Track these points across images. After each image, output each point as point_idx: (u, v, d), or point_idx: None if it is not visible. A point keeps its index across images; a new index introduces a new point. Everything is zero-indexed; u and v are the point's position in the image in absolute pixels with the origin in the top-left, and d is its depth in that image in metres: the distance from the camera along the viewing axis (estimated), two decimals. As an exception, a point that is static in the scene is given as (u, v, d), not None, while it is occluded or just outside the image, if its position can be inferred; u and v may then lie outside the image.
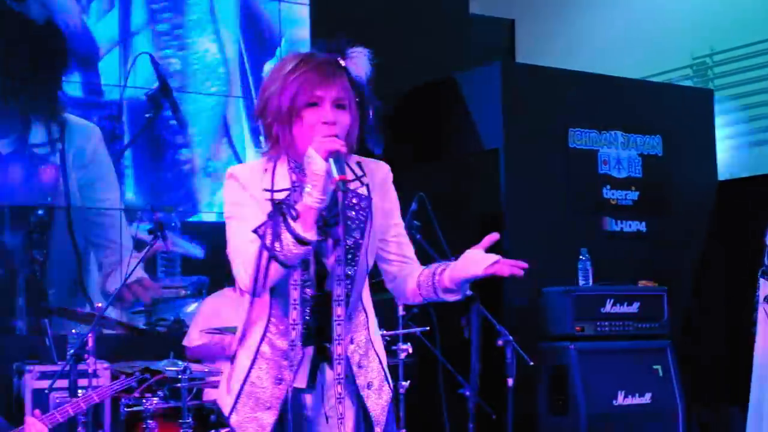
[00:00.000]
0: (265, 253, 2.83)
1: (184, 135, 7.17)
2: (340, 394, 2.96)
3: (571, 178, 7.03)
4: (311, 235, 2.82)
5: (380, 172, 3.17)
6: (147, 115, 6.84)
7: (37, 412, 4.33)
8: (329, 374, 3.06)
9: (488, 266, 3.07)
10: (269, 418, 3.03)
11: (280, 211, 2.85)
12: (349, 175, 2.91)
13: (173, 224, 7.06)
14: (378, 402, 3.13)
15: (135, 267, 5.86)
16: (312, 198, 2.79)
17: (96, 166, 6.88)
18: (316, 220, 2.84)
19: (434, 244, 5.65)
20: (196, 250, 7.09)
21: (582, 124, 7.12)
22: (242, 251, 2.90)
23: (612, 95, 7.37)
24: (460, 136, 7.18)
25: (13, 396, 5.99)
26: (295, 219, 2.81)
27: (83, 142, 6.83)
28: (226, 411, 3.10)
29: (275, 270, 2.86)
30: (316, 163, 2.78)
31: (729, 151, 8.02)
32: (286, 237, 2.80)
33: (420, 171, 6.78)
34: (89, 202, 6.81)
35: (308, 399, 3.08)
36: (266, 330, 3.05)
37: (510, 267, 3.12)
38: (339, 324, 2.94)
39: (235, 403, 3.06)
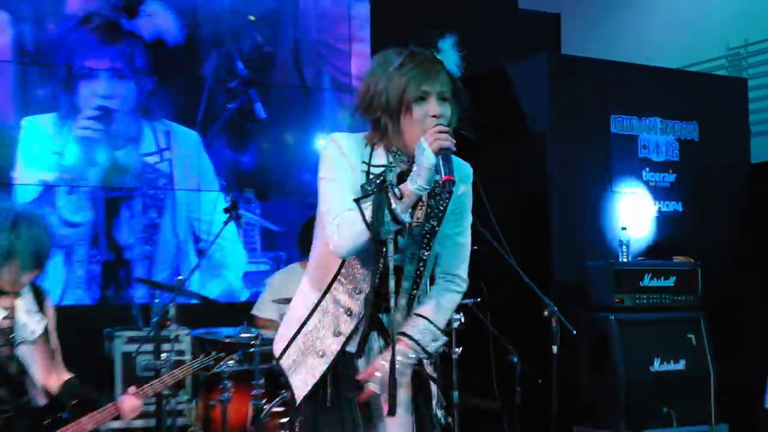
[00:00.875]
0: (362, 223, 2.86)
1: (265, 123, 7.29)
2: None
3: (612, 161, 7.05)
4: (407, 217, 2.87)
5: (464, 173, 3.24)
6: (230, 106, 6.91)
7: (131, 389, 4.36)
8: (377, 343, 3.13)
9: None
10: (321, 364, 3.06)
11: (385, 191, 2.88)
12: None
13: (253, 204, 7.18)
14: (431, 372, 3.23)
15: (212, 242, 5.95)
16: (416, 186, 2.83)
17: (199, 170, 7.07)
18: (411, 203, 2.89)
19: (484, 221, 5.71)
20: (273, 225, 7.23)
21: (623, 111, 7.15)
22: (338, 215, 2.93)
23: (651, 84, 7.37)
24: (510, 121, 7.21)
25: (104, 358, 6.08)
26: (399, 198, 2.84)
27: (188, 149, 7.01)
28: (277, 354, 3.16)
29: (364, 239, 2.89)
30: (427, 157, 2.81)
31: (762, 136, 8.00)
32: (386, 215, 2.84)
33: (473, 153, 6.84)
34: (194, 204, 7.01)
35: (359, 363, 3.12)
36: (331, 287, 3.09)
37: None
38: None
39: (287, 347, 3.11)
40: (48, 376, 4.26)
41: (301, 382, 3.07)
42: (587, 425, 6.31)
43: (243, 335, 5.54)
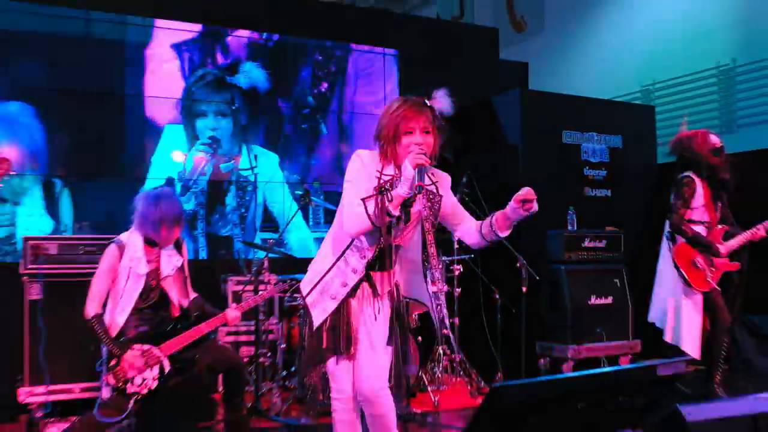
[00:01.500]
0: (365, 215, 2.96)
1: (326, 137, 7.25)
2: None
3: (564, 163, 7.01)
4: (396, 212, 2.95)
5: (446, 180, 3.26)
6: (303, 126, 6.89)
7: (233, 304, 4.41)
8: (366, 290, 3.16)
9: (518, 198, 3.08)
10: (332, 305, 3.10)
11: (382, 193, 2.97)
12: (427, 182, 3.03)
13: (319, 192, 7.13)
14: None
15: (291, 219, 5.93)
16: (402, 191, 2.91)
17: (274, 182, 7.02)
18: (401, 203, 2.96)
19: (477, 203, 5.71)
20: (332, 206, 7.17)
21: (571, 128, 7.09)
22: (351, 209, 3.01)
23: (590, 109, 7.32)
24: (494, 136, 7.17)
25: (221, 295, 6.06)
26: (390, 201, 2.93)
27: (269, 167, 6.94)
28: (304, 293, 3.20)
29: (367, 226, 2.98)
30: (408, 170, 2.88)
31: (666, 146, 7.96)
32: (381, 210, 2.93)
33: (469, 158, 6.81)
34: (270, 203, 6.94)
35: (352, 303, 3.15)
36: (344, 253, 3.12)
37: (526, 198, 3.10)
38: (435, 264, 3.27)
39: (311, 290, 3.15)
40: (182, 296, 4.35)
41: (318, 314, 3.12)
42: (546, 341, 6.29)
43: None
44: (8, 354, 5.12)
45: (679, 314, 5.17)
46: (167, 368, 4.05)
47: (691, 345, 5.11)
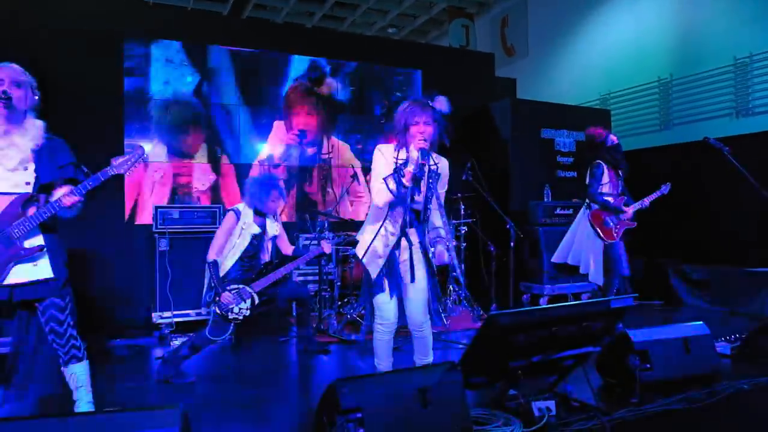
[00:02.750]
0: (386, 190, 2.90)
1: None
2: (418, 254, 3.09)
3: (542, 152, 6.88)
4: (408, 184, 2.89)
5: (444, 163, 3.15)
6: (382, 121, 6.81)
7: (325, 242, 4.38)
8: (404, 244, 3.06)
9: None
10: (381, 261, 3.03)
11: (396, 171, 2.91)
12: (430, 162, 2.97)
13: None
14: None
15: (342, 194, 5.90)
16: (410, 168, 2.87)
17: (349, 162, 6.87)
18: (411, 178, 2.90)
19: (479, 182, 5.64)
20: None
21: (548, 126, 6.94)
22: (376, 186, 2.94)
23: (562, 113, 7.14)
24: (490, 133, 7.05)
25: (296, 246, 5.97)
26: (403, 177, 2.88)
27: (344, 155, 6.82)
28: (360, 255, 3.12)
29: (389, 197, 2.91)
30: (414, 153, 2.86)
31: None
32: (397, 184, 2.88)
33: (471, 149, 6.73)
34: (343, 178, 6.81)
35: (396, 253, 3.07)
36: (384, 223, 3.04)
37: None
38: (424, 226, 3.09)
39: (365, 253, 3.07)
40: (278, 250, 4.36)
41: (373, 269, 3.07)
42: (528, 281, 6.21)
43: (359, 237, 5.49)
44: (145, 288, 5.27)
45: (598, 259, 5.14)
46: (257, 301, 4.07)
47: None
